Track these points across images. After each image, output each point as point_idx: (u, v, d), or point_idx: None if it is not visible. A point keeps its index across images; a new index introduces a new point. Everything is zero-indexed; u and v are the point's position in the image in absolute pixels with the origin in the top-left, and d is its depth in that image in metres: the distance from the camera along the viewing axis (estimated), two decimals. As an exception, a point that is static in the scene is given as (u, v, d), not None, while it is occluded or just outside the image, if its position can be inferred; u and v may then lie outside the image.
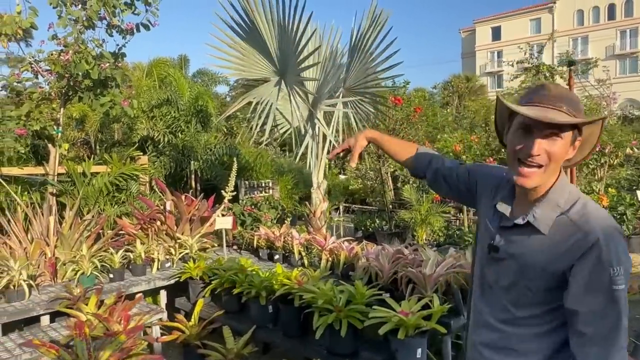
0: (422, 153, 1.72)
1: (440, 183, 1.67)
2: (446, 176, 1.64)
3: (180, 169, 9.64)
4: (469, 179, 1.58)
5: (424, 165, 1.69)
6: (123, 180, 7.06)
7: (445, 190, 1.68)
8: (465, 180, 1.59)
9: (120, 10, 6.44)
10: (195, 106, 9.41)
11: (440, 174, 1.65)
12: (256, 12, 5.19)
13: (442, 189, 1.69)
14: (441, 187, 1.68)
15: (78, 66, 5.95)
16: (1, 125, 6.07)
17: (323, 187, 5.92)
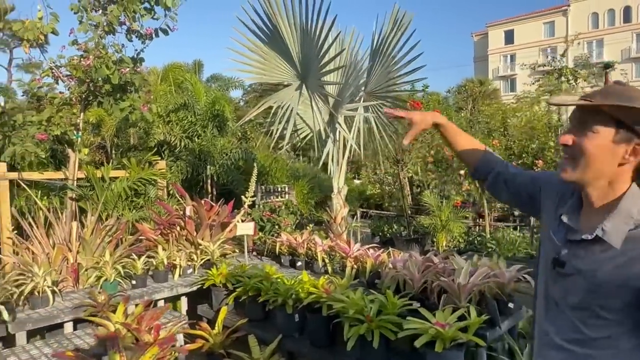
0: (489, 154, 1.64)
1: (500, 187, 1.58)
2: (507, 180, 1.56)
3: (196, 173, 9.62)
4: (532, 186, 1.49)
5: (488, 167, 1.60)
6: (141, 185, 7.04)
7: (505, 195, 1.59)
8: (527, 186, 1.50)
9: (140, 15, 6.46)
10: (212, 111, 9.40)
11: (501, 177, 1.57)
12: (279, 16, 5.15)
13: (502, 194, 1.60)
14: (501, 192, 1.59)
15: (99, 71, 5.95)
16: (22, 130, 6.09)
17: (343, 193, 5.84)
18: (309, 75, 5.38)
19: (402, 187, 8.03)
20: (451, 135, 1.66)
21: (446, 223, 6.85)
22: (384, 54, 5.52)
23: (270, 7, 5.11)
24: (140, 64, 6.67)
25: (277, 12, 5.13)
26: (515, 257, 6.10)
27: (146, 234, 5.37)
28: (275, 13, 5.13)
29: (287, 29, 5.23)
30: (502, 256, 5.10)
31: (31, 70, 6.42)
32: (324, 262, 4.58)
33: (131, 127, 11.40)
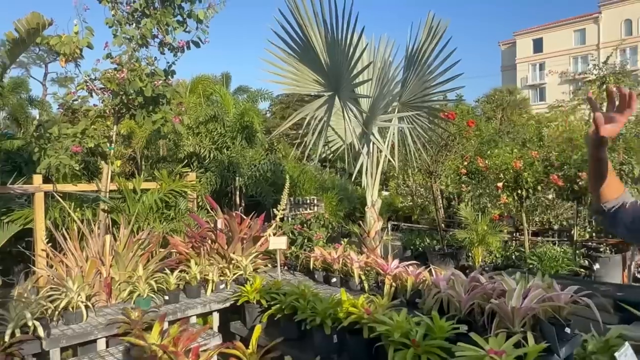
0: (626, 192, 1.58)
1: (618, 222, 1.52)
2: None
3: (225, 185, 9.60)
4: None
5: (617, 203, 1.53)
6: (172, 197, 7.03)
7: (621, 230, 1.54)
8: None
9: (172, 28, 6.50)
10: (241, 122, 9.38)
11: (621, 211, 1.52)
12: (309, 27, 5.07)
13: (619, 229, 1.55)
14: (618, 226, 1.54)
15: (132, 84, 5.98)
16: (58, 142, 6.16)
17: (377, 206, 5.68)
18: (341, 86, 5.27)
19: (435, 200, 7.80)
20: (604, 157, 1.47)
21: (483, 237, 6.59)
22: (419, 62, 5.36)
23: (301, 18, 5.04)
24: (171, 77, 6.70)
25: (308, 23, 5.05)
26: (558, 274, 5.80)
27: (178, 248, 5.32)
28: (306, 24, 5.06)
29: (318, 39, 5.14)
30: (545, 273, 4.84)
31: (66, 84, 6.56)
32: (360, 279, 4.41)
33: (161, 139, 11.52)
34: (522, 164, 6.44)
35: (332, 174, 12.57)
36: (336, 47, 4.97)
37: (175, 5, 6.44)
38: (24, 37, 4.54)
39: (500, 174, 6.69)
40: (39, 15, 4.66)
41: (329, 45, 5.05)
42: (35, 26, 4.56)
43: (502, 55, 50.65)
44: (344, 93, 5.29)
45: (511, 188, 6.63)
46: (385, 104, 5.38)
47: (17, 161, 9.28)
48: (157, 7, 6.30)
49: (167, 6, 6.35)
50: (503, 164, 6.65)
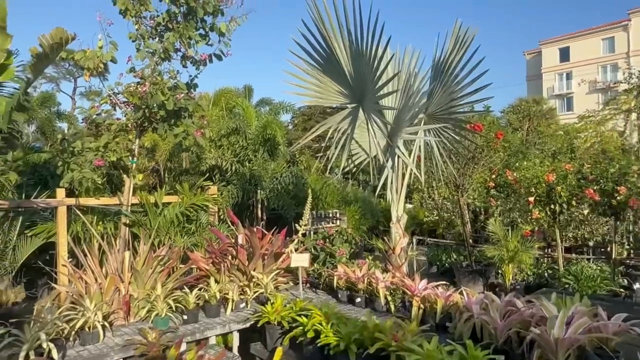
0: None
1: None
2: None
3: (247, 198, 9.52)
4: None
5: None
6: (193, 210, 6.95)
7: None
8: None
9: (195, 42, 6.48)
10: (264, 135, 9.31)
11: None
12: (333, 38, 4.94)
13: None
14: None
15: (154, 97, 5.96)
16: (81, 156, 6.18)
17: (403, 222, 5.47)
18: (365, 98, 5.12)
19: (462, 214, 7.53)
20: None
21: (514, 254, 6.29)
22: (446, 73, 5.17)
23: (325, 29, 4.92)
24: (194, 90, 6.67)
25: (332, 34, 4.93)
26: (597, 294, 5.46)
27: (198, 263, 5.21)
28: (329, 35, 4.93)
29: (342, 50, 5.01)
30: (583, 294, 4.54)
31: (91, 98, 6.70)
32: (386, 300, 4.20)
33: (184, 152, 11.55)
34: (554, 177, 6.14)
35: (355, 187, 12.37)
36: (361, 58, 4.83)
37: (197, 19, 6.42)
38: (48, 52, 4.54)
39: (532, 187, 6.40)
40: (62, 30, 4.67)
41: (353, 57, 4.91)
42: (58, 41, 4.56)
43: (527, 64, 49.77)
44: (369, 105, 5.14)
45: (543, 203, 6.33)
46: (411, 116, 5.20)
47: (43, 174, 9.40)
48: (180, 21, 6.30)
49: (189, 20, 6.33)
50: (534, 178, 6.36)
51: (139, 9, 6.28)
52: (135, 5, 6.27)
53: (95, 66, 6.05)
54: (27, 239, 6.22)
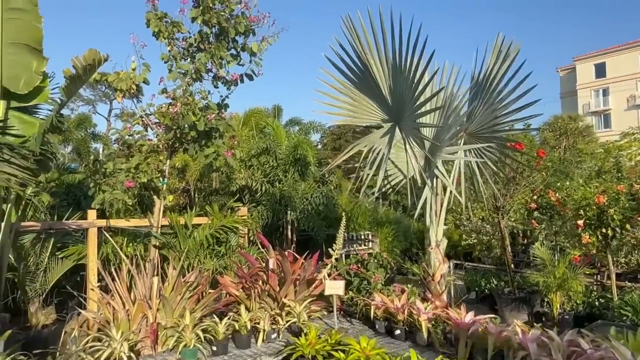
0: None
1: None
2: None
3: (276, 219, 9.34)
4: None
5: None
6: (223, 232, 6.80)
7: None
8: None
9: (226, 62, 6.43)
10: (294, 155, 9.16)
11: None
12: (369, 54, 4.76)
13: None
14: None
15: (185, 118, 5.89)
16: (112, 177, 6.15)
17: (443, 246, 5.15)
18: (403, 116, 4.88)
19: (503, 237, 7.13)
20: None
21: (563, 281, 5.84)
22: (488, 90, 4.90)
23: (360, 44, 4.74)
24: (224, 110, 6.60)
25: (368, 50, 4.74)
26: (660, 329, 4.95)
27: (227, 289, 5.02)
28: (365, 51, 4.75)
29: (378, 67, 4.81)
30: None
31: (125, 119, 6.74)
32: (428, 332, 3.88)
33: (214, 172, 11.54)
34: (606, 199, 5.71)
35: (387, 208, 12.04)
36: (399, 75, 4.62)
37: (229, 39, 6.38)
38: (81, 73, 4.52)
39: (580, 210, 5.97)
40: (95, 52, 4.66)
41: (391, 73, 4.71)
42: (91, 62, 4.55)
43: (560, 81, 48.57)
44: (407, 124, 4.90)
45: (594, 226, 5.89)
46: (451, 135, 4.93)
47: (77, 194, 9.49)
48: (212, 42, 6.27)
49: (221, 40, 6.29)
50: (583, 199, 5.94)
51: (171, 30, 6.29)
52: (168, 27, 6.28)
53: (128, 87, 6.06)
54: (58, 260, 6.19)
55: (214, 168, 6.38)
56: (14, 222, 5.50)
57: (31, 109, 5.46)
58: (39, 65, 5.11)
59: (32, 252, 6.03)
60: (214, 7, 6.06)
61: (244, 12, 6.16)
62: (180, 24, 6.30)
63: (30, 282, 5.98)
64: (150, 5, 6.22)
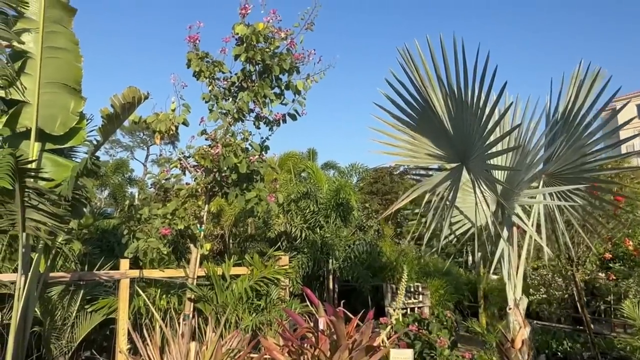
0: None
1: None
2: None
3: (317, 267, 8.70)
4: None
5: None
6: (263, 284, 6.20)
7: None
8: None
9: (269, 101, 6.07)
10: (336, 199, 8.61)
11: None
12: (429, 87, 4.24)
13: None
14: None
15: (227, 160, 5.48)
16: (147, 224, 5.74)
17: (523, 306, 4.40)
18: (471, 156, 4.29)
19: (579, 292, 6.25)
20: None
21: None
22: (571, 124, 4.27)
23: (419, 77, 4.24)
24: (265, 152, 6.18)
25: (428, 83, 4.23)
26: None
27: (272, 353, 4.35)
28: (425, 84, 4.24)
29: (441, 102, 4.27)
30: None
31: (161, 164, 6.50)
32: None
33: (251, 217, 11.08)
34: None
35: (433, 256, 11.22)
36: (465, 110, 4.06)
37: (272, 78, 6.05)
38: (119, 112, 4.18)
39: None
40: (135, 90, 4.34)
41: (455, 109, 4.16)
42: (130, 100, 4.21)
43: (601, 122, 47.12)
44: (476, 165, 4.29)
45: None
46: (531, 177, 4.28)
47: (110, 241, 9.17)
48: (255, 80, 5.94)
49: (264, 78, 5.96)
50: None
51: (212, 70, 6.01)
52: (209, 66, 6.02)
53: (167, 129, 5.73)
54: (86, 314, 5.72)
55: (255, 213, 5.89)
56: (42, 273, 5.09)
57: (67, 151, 5.17)
58: (76, 105, 4.83)
59: (59, 305, 5.59)
60: (258, 45, 5.76)
61: (289, 49, 5.84)
62: (222, 64, 6.02)
63: (56, 338, 5.50)
64: (191, 46, 6.00)
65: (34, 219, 3.81)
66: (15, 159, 3.27)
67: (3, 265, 5.72)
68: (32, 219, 3.82)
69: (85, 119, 5.00)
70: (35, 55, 4.59)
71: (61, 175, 4.59)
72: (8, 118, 4.50)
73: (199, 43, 5.96)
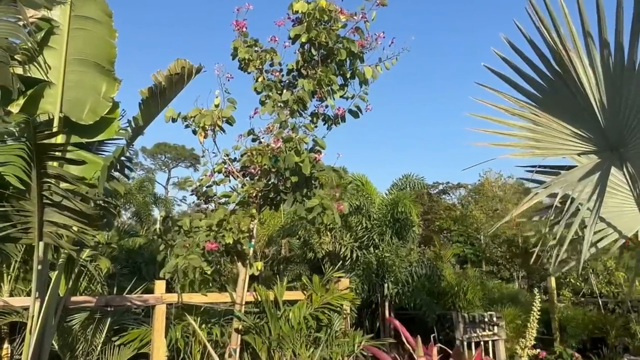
0: None
1: None
2: None
3: (371, 292, 7.57)
4: None
5: None
6: (325, 312, 5.11)
7: None
8: None
9: (332, 91, 5.11)
10: (393, 213, 7.50)
11: None
12: (575, 51, 3.19)
13: None
14: None
15: (287, 158, 4.49)
16: (188, 237, 4.75)
17: None
18: (629, 142, 3.19)
19: None
20: None
21: None
22: None
23: (557, 39, 3.19)
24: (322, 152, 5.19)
25: (572, 45, 3.18)
26: None
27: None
28: (567, 48, 3.19)
29: (589, 71, 3.21)
30: None
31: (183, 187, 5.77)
32: None
33: (289, 236, 10.04)
34: None
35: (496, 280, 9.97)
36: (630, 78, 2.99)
37: (335, 64, 5.11)
38: (165, 86, 3.26)
39: None
40: (185, 62, 3.42)
41: (613, 78, 3.09)
42: (180, 71, 3.30)
43: None
44: (634, 154, 3.20)
45: None
46: None
47: (137, 261, 8.23)
48: (316, 66, 4.99)
49: (328, 64, 5.02)
50: None
51: (264, 57, 5.11)
52: (261, 54, 5.12)
53: (213, 123, 4.80)
54: (114, 348, 4.69)
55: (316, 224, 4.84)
56: (63, 296, 4.11)
57: (96, 145, 4.25)
58: (109, 88, 3.90)
59: (82, 336, 4.56)
60: (321, 24, 4.84)
61: (360, 27, 4.89)
62: (275, 51, 5.12)
63: (76, 379, 4.47)
64: (238, 33, 5.12)
65: (54, 221, 2.85)
66: (35, 130, 2.31)
67: (16, 286, 4.74)
68: (53, 222, 2.85)
69: (118, 108, 4.08)
70: (61, 25, 3.72)
71: (89, 173, 3.64)
72: (26, 100, 3.60)
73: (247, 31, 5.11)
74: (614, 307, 10.20)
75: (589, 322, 9.04)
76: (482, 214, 13.70)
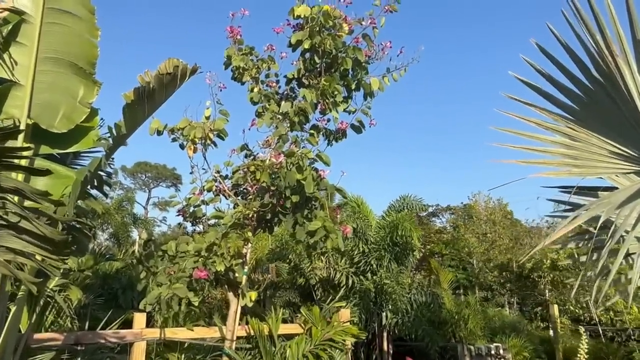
0: None
1: None
2: None
3: (369, 321, 7.03)
4: None
5: None
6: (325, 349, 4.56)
7: None
8: None
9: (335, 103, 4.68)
10: (392, 237, 7.03)
11: None
12: (622, 56, 2.83)
13: None
14: None
15: (288, 175, 4.02)
16: (174, 264, 4.19)
17: None
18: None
19: None
20: None
21: None
22: None
23: (602, 44, 2.83)
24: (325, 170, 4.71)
25: (620, 50, 2.82)
26: None
27: None
28: (614, 53, 2.82)
29: (638, 78, 2.85)
30: None
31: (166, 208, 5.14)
32: None
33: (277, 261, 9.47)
34: None
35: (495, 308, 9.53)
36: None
37: (339, 73, 4.70)
38: (154, 86, 2.77)
39: None
40: (177, 60, 2.95)
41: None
42: (171, 71, 2.82)
43: None
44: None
45: None
46: None
47: (113, 287, 7.55)
48: (318, 75, 4.57)
49: (332, 73, 4.61)
50: None
51: (261, 66, 4.69)
52: (256, 63, 4.70)
53: (204, 136, 4.31)
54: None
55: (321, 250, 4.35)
56: (24, 333, 3.50)
57: (70, 158, 3.71)
58: (87, 93, 3.36)
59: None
60: (324, 30, 4.44)
61: (367, 34, 4.50)
62: (272, 60, 4.70)
63: None
64: (232, 40, 4.70)
65: (12, 248, 2.30)
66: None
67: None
68: (10, 249, 2.31)
69: (97, 115, 3.55)
70: (33, 17, 3.21)
71: (58, 190, 3.09)
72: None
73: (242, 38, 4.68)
74: (612, 335, 9.89)
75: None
76: (474, 238, 13.36)
